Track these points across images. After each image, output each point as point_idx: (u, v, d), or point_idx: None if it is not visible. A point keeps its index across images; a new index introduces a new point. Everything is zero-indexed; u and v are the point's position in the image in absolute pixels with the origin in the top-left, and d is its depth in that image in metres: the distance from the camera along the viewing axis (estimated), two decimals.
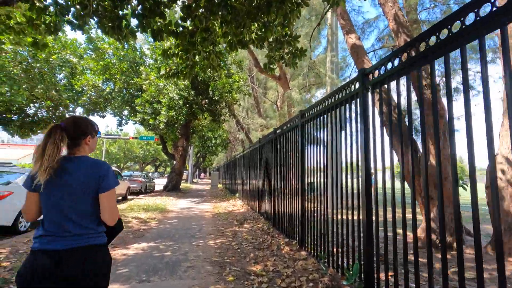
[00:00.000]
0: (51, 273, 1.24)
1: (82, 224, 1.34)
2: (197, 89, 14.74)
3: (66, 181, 1.32)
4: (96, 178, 1.36)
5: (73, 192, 1.32)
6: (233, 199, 12.60)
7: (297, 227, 4.50)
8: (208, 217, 7.95)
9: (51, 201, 1.31)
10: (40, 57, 12.64)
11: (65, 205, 1.32)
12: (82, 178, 1.34)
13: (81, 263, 1.29)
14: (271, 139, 6.51)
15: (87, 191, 1.34)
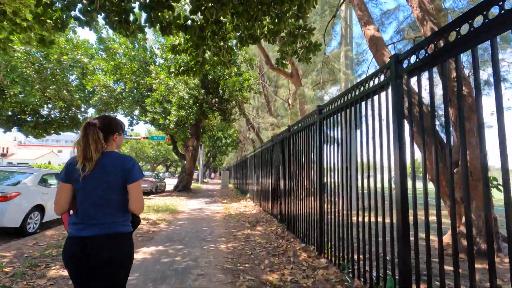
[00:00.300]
0: (81, 257, 1.42)
1: (111, 213, 1.49)
2: (207, 88, 14.55)
3: (98, 174, 1.47)
4: (123, 170, 1.51)
5: (103, 184, 1.48)
6: (244, 200, 12.34)
7: (315, 231, 4.17)
8: (219, 219, 7.70)
9: (84, 191, 1.47)
10: (52, 57, 12.73)
11: (96, 196, 1.47)
12: (111, 171, 1.49)
13: (109, 249, 1.44)
14: (284, 137, 6.19)
15: (115, 183, 1.49)
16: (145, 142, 46.87)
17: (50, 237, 5.09)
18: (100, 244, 1.45)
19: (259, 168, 9.81)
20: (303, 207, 4.80)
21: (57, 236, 5.15)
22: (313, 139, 4.38)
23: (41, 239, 4.98)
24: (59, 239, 4.95)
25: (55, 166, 42.08)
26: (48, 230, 5.69)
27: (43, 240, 4.89)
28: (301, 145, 5.00)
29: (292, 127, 5.66)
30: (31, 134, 18.20)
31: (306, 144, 4.73)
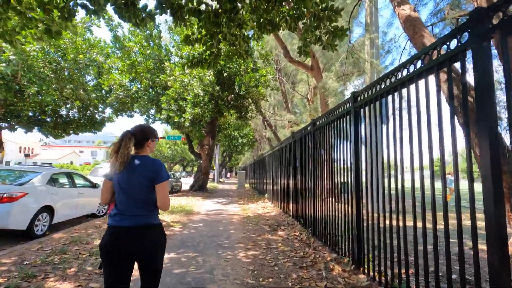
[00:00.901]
0: (120, 243, 1.67)
1: (143, 207, 1.74)
2: (223, 85, 14.11)
3: (133, 174, 1.73)
4: (152, 172, 1.74)
5: (138, 182, 1.73)
6: (262, 200, 11.79)
7: (351, 240, 3.55)
8: (236, 221, 7.18)
9: (122, 188, 1.73)
10: (68, 57, 12.68)
11: (132, 192, 1.72)
12: (144, 172, 1.74)
13: (140, 238, 1.69)
14: (308, 132, 5.57)
15: (146, 182, 1.73)
16: (162, 142, 47.37)
17: (57, 241, 4.75)
18: (133, 234, 1.68)
19: (278, 167, 9.23)
20: (332, 210, 4.18)
21: (65, 240, 4.80)
22: (346, 131, 3.75)
23: (47, 243, 4.64)
24: (65, 243, 4.59)
25: (76, 166, 43.28)
26: (57, 233, 5.37)
27: (49, 244, 4.54)
28: (330, 139, 4.38)
29: (318, 120, 5.04)
30: (51, 134, 18.49)
31: (336, 138, 4.10)
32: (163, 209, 1.77)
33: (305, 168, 5.90)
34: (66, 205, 6.01)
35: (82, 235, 5.23)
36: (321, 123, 4.80)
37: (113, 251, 1.67)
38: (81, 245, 4.56)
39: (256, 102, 14.82)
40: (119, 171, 1.70)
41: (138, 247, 1.67)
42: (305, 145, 5.91)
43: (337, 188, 4.07)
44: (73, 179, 6.48)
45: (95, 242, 4.75)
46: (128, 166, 1.73)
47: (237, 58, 6.33)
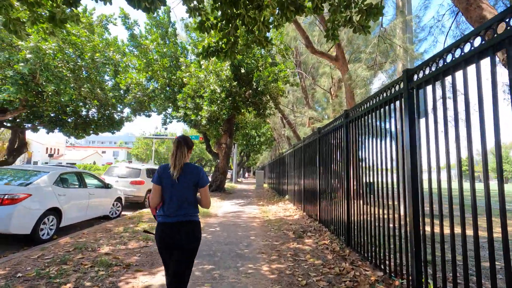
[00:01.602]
0: (169, 236, 2.02)
1: (187, 207, 2.07)
2: (240, 81, 13.54)
3: (180, 179, 2.06)
4: (197, 177, 2.10)
5: (184, 187, 2.07)
6: (282, 202, 11.10)
7: (404, 254, 2.81)
8: (256, 226, 6.55)
9: (171, 190, 2.06)
10: (86, 56, 12.59)
11: (179, 194, 2.06)
12: (189, 177, 2.08)
13: (186, 229, 2.04)
14: (339, 126, 4.84)
15: (191, 186, 2.09)
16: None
17: (61, 247, 4.32)
18: (180, 228, 2.04)
19: (300, 166, 8.51)
20: (374, 215, 3.44)
21: (69, 246, 4.36)
22: (395, 120, 3.01)
23: (50, 249, 4.21)
24: (69, 251, 4.14)
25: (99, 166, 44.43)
26: (63, 238, 4.97)
27: (51, 251, 4.11)
28: (370, 132, 3.64)
29: (353, 111, 4.30)
30: (72, 134, 18.73)
31: (380, 130, 3.37)
32: (206, 208, 2.18)
33: (335, 166, 5.17)
34: (75, 207, 5.63)
35: (89, 240, 4.80)
36: (357, 113, 4.06)
37: (165, 243, 2.03)
38: (85, 252, 4.09)
39: (275, 98, 14.13)
40: (177, 175, 2.04)
41: (183, 238, 2.01)
42: (335, 141, 5.17)
43: (378, 189, 3.33)
44: (83, 179, 6.11)
45: (102, 249, 4.28)
46: (181, 170, 2.06)
47: (256, 45, 5.72)
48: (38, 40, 9.90)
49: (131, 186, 8.78)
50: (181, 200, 2.05)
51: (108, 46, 13.50)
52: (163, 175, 2.07)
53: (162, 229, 2.05)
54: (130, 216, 7.31)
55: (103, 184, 6.89)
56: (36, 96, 12.08)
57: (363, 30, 4.48)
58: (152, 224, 6.28)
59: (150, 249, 4.43)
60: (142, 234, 5.28)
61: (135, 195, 8.76)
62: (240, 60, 13.11)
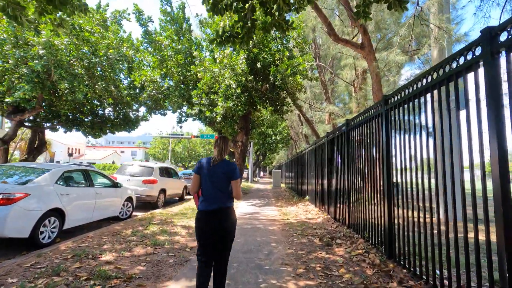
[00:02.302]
0: (209, 221, 2.31)
1: (223, 196, 2.36)
2: (256, 75, 12.91)
3: (218, 172, 2.36)
4: (230, 171, 2.38)
5: (220, 178, 2.36)
6: (303, 203, 10.38)
7: (489, 274, 2.07)
8: (277, 230, 5.90)
9: (210, 180, 2.34)
10: (100, 53, 12.38)
11: (217, 185, 2.34)
12: (224, 171, 2.37)
13: (225, 214, 2.35)
14: (375, 115, 4.11)
15: (225, 178, 2.37)
16: (196, 141, 47.80)
17: (60, 254, 3.85)
18: (218, 213, 2.32)
19: (323, 164, 7.77)
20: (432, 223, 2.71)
21: (69, 252, 3.89)
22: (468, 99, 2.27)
23: (47, 256, 3.75)
24: (67, 258, 3.67)
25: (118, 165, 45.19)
26: (65, 242, 4.53)
27: (48, 259, 3.64)
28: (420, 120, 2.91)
29: (395, 96, 3.56)
30: (89, 133, 18.83)
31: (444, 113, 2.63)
32: (237, 199, 2.47)
33: (368, 163, 4.44)
34: (81, 208, 5.20)
35: (92, 245, 4.32)
36: (402, 97, 3.32)
37: (204, 228, 2.31)
38: (84, 260, 3.60)
39: (293, 93, 13.40)
40: (212, 166, 2.36)
41: (221, 223, 2.32)
42: (369, 133, 4.44)
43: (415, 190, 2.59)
44: (90, 178, 5.68)
45: (104, 256, 3.78)
46: (216, 164, 2.37)
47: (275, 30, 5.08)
48: (50, 35, 9.69)
49: (143, 185, 8.36)
50: (217, 190, 2.33)
51: (122, 43, 13.25)
52: (203, 167, 2.38)
53: (201, 215, 2.32)
54: (141, 217, 6.86)
55: (112, 183, 6.47)
56: (51, 94, 11.99)
57: (399, 6, 3.73)
58: (162, 226, 5.78)
59: (157, 257, 3.88)
60: (151, 239, 4.78)
61: (148, 195, 8.34)
62: (257, 54, 12.50)
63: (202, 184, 2.38)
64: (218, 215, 2.31)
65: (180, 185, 10.74)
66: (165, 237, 4.94)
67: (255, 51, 12.23)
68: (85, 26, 11.49)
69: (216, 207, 2.30)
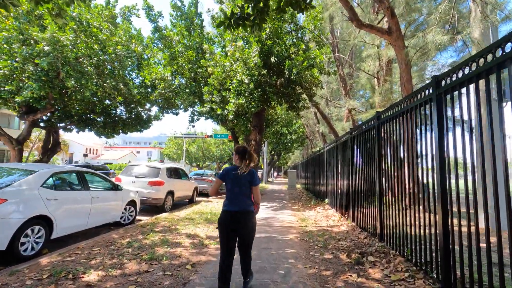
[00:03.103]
0: (231, 221, 2.61)
1: (245, 199, 2.67)
2: (271, 70, 12.13)
3: (242, 177, 2.67)
4: (251, 178, 2.70)
5: (242, 183, 2.67)
6: (321, 206, 9.51)
7: None
8: (295, 240, 5.11)
9: (235, 186, 2.66)
10: (109, 51, 12.00)
11: (240, 190, 2.67)
12: (247, 177, 2.68)
13: (245, 217, 2.63)
14: (421, 103, 3.24)
15: (247, 184, 2.69)
16: (211, 141, 47.55)
17: (38, 271, 3.25)
18: (240, 215, 2.61)
19: (346, 163, 6.90)
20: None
21: (48, 269, 3.28)
22: None
23: (20, 274, 3.15)
24: (42, 277, 3.05)
25: None
26: (50, 254, 3.94)
27: (20, 278, 3.04)
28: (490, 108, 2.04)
29: (450, 76, 2.69)
30: (102, 133, 18.69)
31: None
32: (257, 202, 2.79)
33: (411, 161, 3.57)
34: (73, 214, 4.62)
35: (79, 259, 3.70)
36: (463, 77, 2.46)
37: (226, 226, 2.61)
38: (62, 282, 2.97)
39: (310, 88, 12.51)
40: (236, 174, 2.67)
41: (241, 223, 2.60)
42: (409, 127, 3.58)
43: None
44: (84, 180, 5.11)
45: (87, 276, 3.14)
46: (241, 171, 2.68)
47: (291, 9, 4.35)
48: (55, 31, 9.33)
49: (149, 187, 7.78)
50: (240, 194, 2.66)
51: (131, 39, 12.83)
52: (227, 174, 2.71)
53: (225, 215, 2.64)
54: (143, 223, 6.25)
55: (112, 185, 5.90)
56: (61, 93, 11.71)
57: None
58: (164, 235, 5.12)
59: (151, 277, 3.20)
60: (148, 252, 4.12)
61: (154, 198, 7.74)
62: (270, 46, 11.71)
63: (227, 189, 2.70)
64: (239, 215, 2.60)
65: (190, 186, 10.12)
66: (165, 249, 4.27)
67: (269, 43, 11.45)
68: (92, 22, 11.11)
69: (238, 209, 2.61)
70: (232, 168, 2.75)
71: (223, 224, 2.63)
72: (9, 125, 27.18)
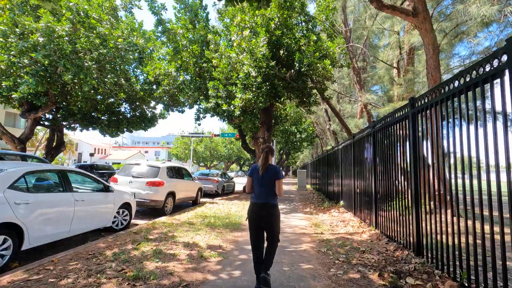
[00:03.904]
0: (259, 211, 2.92)
1: (269, 193, 2.95)
2: (280, 62, 11.34)
3: (266, 174, 2.97)
4: (275, 173, 2.98)
5: (267, 179, 2.95)
6: (336, 209, 8.67)
7: None
8: (310, 252, 4.33)
9: (260, 182, 2.97)
10: (110, 45, 11.42)
11: (265, 184, 2.96)
12: (271, 174, 2.97)
13: (269, 209, 2.92)
14: (479, 80, 2.42)
15: (272, 179, 2.96)
16: (218, 141, 47.00)
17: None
18: (265, 207, 2.91)
19: (368, 162, 6.07)
20: None
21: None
22: None
23: None
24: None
25: None
26: (15, 271, 3.27)
27: None
28: None
29: None
30: (106, 132, 18.24)
31: None
32: (279, 195, 3.00)
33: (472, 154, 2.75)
34: (50, 220, 3.96)
35: (47, 278, 3.02)
36: None
37: (253, 219, 2.93)
38: None
39: (321, 82, 11.66)
40: (260, 173, 2.97)
41: (266, 215, 2.90)
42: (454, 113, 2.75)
43: None
44: (67, 180, 4.44)
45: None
46: (264, 170, 2.98)
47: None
48: (49, 21, 8.77)
49: (147, 188, 7.10)
50: (264, 188, 2.96)
51: (132, 32, 12.23)
52: (254, 171, 3.04)
53: (253, 206, 2.97)
54: (138, 228, 5.56)
55: (103, 187, 5.23)
56: (60, 89, 11.20)
57: None
58: (158, 244, 4.41)
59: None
60: (135, 268, 3.41)
61: (152, 199, 7.06)
62: (279, 37, 10.93)
63: (254, 184, 3.03)
64: (265, 207, 2.92)
65: (193, 187, 9.42)
66: (155, 264, 3.56)
67: (277, 33, 10.66)
68: (91, 13, 10.54)
69: (264, 201, 2.94)
70: (258, 166, 3.07)
71: (250, 216, 2.96)
72: (14, 125, 27.15)
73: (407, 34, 8.15)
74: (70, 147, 38.31)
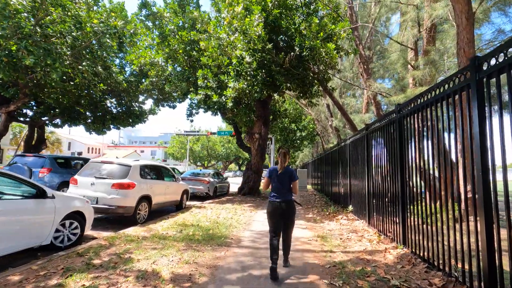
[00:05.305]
0: (277, 209, 3.33)
1: (287, 192, 3.40)
2: (277, 48, 9.99)
3: (284, 175, 3.41)
4: (291, 175, 3.43)
5: (285, 180, 3.40)
6: (344, 215, 7.32)
7: None
8: (317, 285, 2.98)
9: (277, 182, 3.41)
10: (88, 29, 10.04)
11: (283, 184, 3.40)
12: (287, 174, 3.42)
13: (286, 204, 3.35)
14: None
15: (288, 180, 3.41)
16: (216, 140, 45.63)
17: None
18: (283, 203, 3.32)
19: (386, 159, 4.72)
20: None
21: None
22: None
23: None
24: None
25: None
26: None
27: None
28: None
29: None
30: (91, 128, 16.87)
31: None
32: (295, 193, 3.51)
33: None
34: None
35: None
36: None
37: (273, 213, 3.35)
38: None
39: (324, 71, 10.31)
40: (279, 173, 3.41)
41: (286, 208, 3.33)
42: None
43: None
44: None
45: None
46: (283, 171, 3.42)
47: None
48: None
49: (113, 192, 5.73)
50: (282, 187, 3.39)
51: (110, 12, 10.85)
52: (272, 172, 3.48)
53: (272, 204, 3.36)
54: (86, 247, 4.18)
55: (38, 192, 3.87)
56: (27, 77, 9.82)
57: None
58: (99, 275, 3.06)
59: None
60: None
61: (119, 205, 5.68)
62: (277, 18, 9.56)
63: (272, 184, 3.47)
64: (283, 204, 3.32)
65: (176, 189, 8.03)
66: None
67: (275, 13, 9.29)
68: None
69: (282, 199, 3.35)
70: (276, 167, 3.51)
71: (271, 211, 3.36)
72: None
73: (429, 8, 6.82)
74: (58, 146, 36.85)
